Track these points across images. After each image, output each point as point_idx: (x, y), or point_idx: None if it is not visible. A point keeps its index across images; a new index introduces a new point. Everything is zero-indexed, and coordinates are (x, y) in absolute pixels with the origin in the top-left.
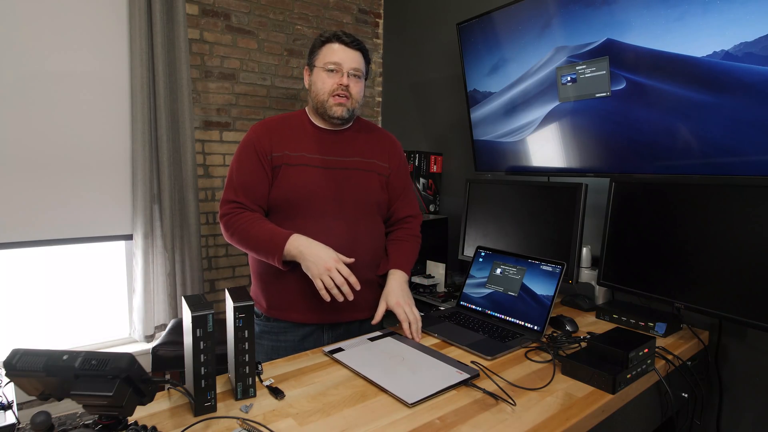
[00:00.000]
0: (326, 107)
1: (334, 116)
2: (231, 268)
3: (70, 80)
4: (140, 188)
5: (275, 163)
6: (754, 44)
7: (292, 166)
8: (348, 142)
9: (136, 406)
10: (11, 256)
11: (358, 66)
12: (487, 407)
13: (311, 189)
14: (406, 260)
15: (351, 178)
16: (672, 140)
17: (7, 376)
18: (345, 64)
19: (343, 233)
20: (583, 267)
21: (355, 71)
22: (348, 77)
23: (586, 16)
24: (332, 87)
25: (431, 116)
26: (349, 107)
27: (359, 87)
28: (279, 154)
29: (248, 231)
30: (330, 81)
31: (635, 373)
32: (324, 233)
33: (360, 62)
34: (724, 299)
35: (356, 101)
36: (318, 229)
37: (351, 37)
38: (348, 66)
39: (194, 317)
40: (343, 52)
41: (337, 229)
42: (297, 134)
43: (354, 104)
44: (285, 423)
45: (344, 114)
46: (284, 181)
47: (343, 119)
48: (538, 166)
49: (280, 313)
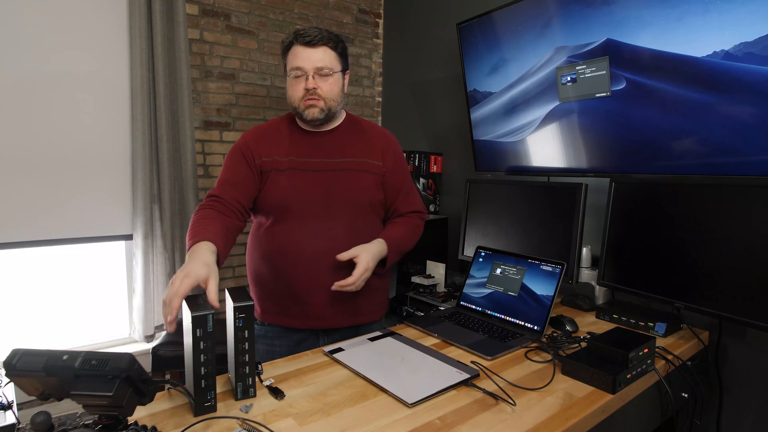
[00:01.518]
0: (299, 112)
1: (308, 119)
2: (231, 268)
3: (70, 80)
4: (140, 188)
5: (265, 168)
6: (754, 44)
7: (282, 171)
8: (338, 143)
9: (136, 406)
10: (11, 256)
11: (323, 63)
12: (487, 407)
13: (301, 193)
14: (393, 234)
15: (342, 180)
16: (672, 140)
17: (7, 376)
18: (307, 65)
19: (337, 236)
20: (583, 267)
21: (319, 70)
22: (314, 79)
23: (586, 16)
24: (300, 93)
25: (431, 116)
26: (322, 107)
27: (329, 85)
28: (269, 159)
29: (192, 226)
30: (298, 86)
31: (635, 373)
32: (316, 236)
33: (326, 58)
34: (724, 299)
35: (331, 99)
36: (310, 232)
37: (312, 33)
38: (311, 67)
39: (194, 317)
40: (304, 52)
41: (330, 232)
42: (285, 139)
43: (329, 103)
44: (285, 423)
45: (318, 115)
46: (274, 186)
47: (319, 120)
48: (538, 166)
49: (274, 318)
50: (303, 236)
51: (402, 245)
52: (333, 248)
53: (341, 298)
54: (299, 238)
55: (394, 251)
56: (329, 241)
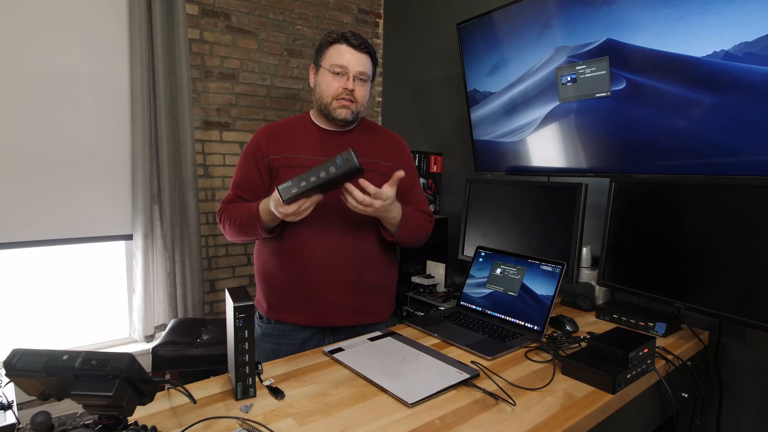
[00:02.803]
0: (330, 109)
1: (338, 118)
2: (231, 268)
3: (70, 80)
4: (140, 188)
5: (273, 165)
6: (754, 44)
7: (292, 168)
8: (350, 143)
9: (136, 406)
10: (11, 256)
11: (365, 69)
12: (487, 407)
13: None
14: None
15: None
16: (672, 140)
17: (7, 376)
18: (351, 67)
19: (346, 234)
20: (583, 267)
21: (361, 75)
22: (354, 81)
23: (586, 16)
24: (337, 91)
25: (431, 116)
26: (353, 110)
27: (364, 90)
28: (277, 156)
29: (232, 214)
30: (335, 84)
31: (635, 373)
32: (326, 234)
33: (367, 65)
34: (724, 299)
35: (361, 104)
36: (320, 230)
37: (360, 39)
38: (354, 69)
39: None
40: (351, 54)
41: (339, 230)
42: (299, 137)
43: (359, 107)
44: (285, 423)
45: (348, 117)
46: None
47: (347, 121)
48: (538, 166)
49: (280, 315)
50: (312, 233)
51: (414, 226)
52: (342, 246)
53: (349, 296)
54: (308, 235)
55: (407, 224)
56: (338, 239)
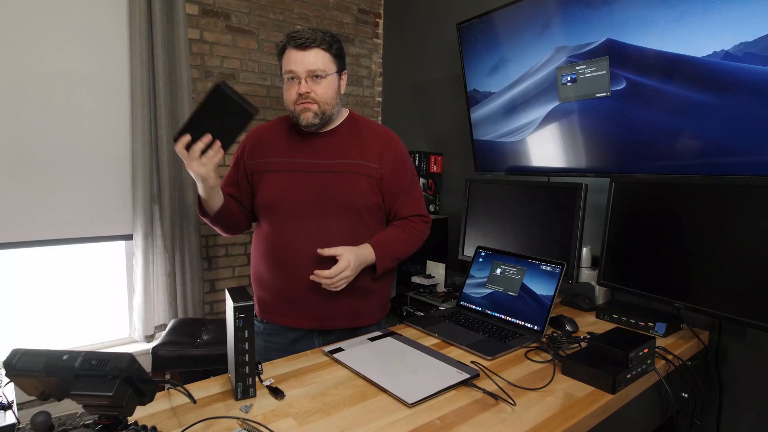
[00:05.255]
0: (295, 116)
1: (303, 123)
2: (231, 268)
3: (70, 80)
4: (140, 188)
5: (257, 169)
6: (754, 44)
7: (274, 172)
8: (335, 144)
9: (136, 406)
10: (11, 256)
11: (316, 66)
12: (487, 407)
13: (294, 194)
14: (387, 239)
15: (335, 181)
16: (672, 140)
17: (7, 376)
18: (299, 69)
19: (331, 237)
20: (583, 267)
21: (313, 73)
22: (306, 82)
23: (586, 16)
24: (293, 97)
25: (431, 116)
26: (316, 111)
27: (323, 88)
28: (261, 160)
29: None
30: (291, 90)
31: (635, 373)
32: (310, 237)
33: (319, 61)
34: (724, 299)
35: (325, 102)
36: (304, 233)
37: (305, 35)
38: (303, 70)
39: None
40: (297, 56)
41: (324, 233)
42: (282, 140)
43: (323, 106)
44: (285, 423)
45: (313, 119)
46: (266, 186)
47: (314, 124)
48: (538, 166)
49: (271, 316)
50: (297, 237)
51: (397, 251)
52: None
53: (336, 300)
54: (294, 238)
55: (386, 257)
56: (323, 242)
